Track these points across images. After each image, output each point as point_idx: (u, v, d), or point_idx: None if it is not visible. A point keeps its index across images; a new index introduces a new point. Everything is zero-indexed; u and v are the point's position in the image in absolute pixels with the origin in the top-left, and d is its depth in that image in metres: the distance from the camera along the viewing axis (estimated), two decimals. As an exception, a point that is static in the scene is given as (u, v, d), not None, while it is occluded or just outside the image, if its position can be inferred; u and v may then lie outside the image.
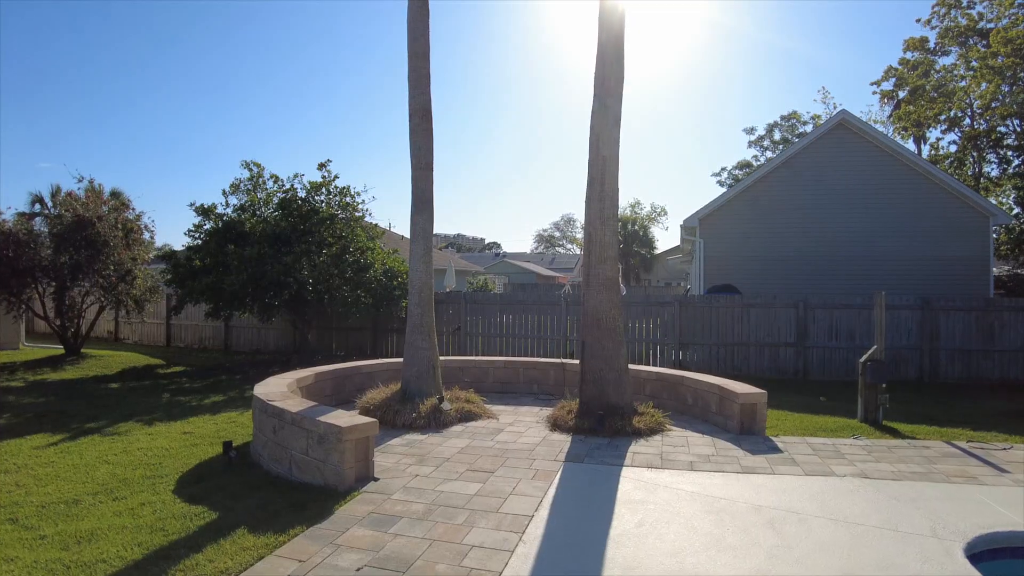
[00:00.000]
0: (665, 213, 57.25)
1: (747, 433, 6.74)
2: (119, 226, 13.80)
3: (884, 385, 7.74)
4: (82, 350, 14.40)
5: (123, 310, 14.68)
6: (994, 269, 15.86)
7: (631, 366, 7.84)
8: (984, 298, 13.46)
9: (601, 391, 7.03)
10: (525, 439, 6.55)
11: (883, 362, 7.90)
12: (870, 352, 8.01)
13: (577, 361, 9.17)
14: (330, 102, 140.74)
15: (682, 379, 7.92)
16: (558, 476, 5.23)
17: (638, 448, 6.14)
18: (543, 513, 4.39)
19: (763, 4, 79.17)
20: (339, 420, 4.98)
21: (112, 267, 13.48)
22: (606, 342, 7.12)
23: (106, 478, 5.43)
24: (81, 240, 12.97)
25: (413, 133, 8.03)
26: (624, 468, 5.45)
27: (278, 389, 6.34)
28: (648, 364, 12.64)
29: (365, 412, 7.19)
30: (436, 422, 7.03)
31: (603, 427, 6.63)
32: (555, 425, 7.02)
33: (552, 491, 4.86)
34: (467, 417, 7.39)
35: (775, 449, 6.17)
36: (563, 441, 6.46)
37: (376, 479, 5.08)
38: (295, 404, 5.58)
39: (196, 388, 10.68)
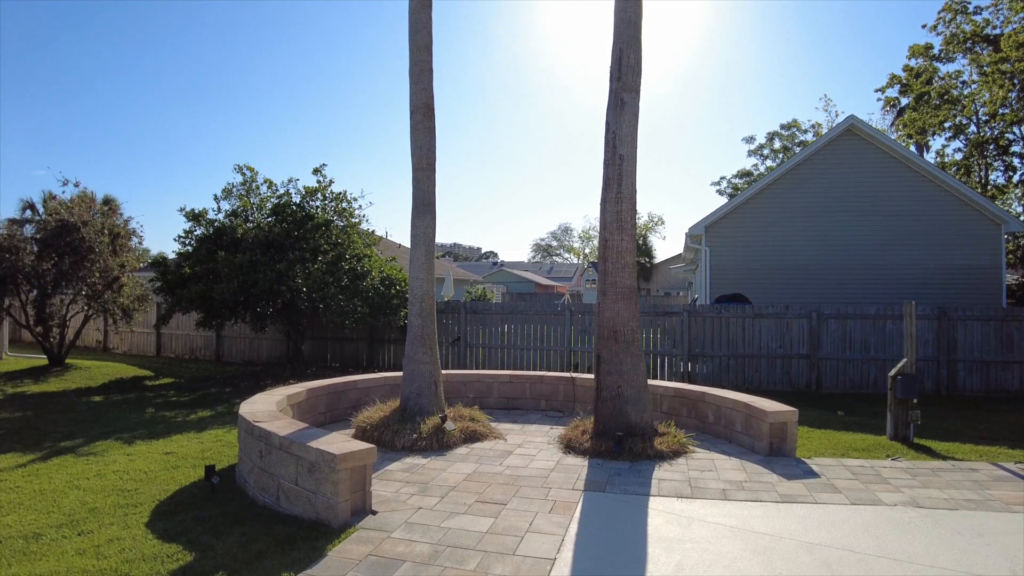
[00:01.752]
0: (663, 222, 57.14)
1: (777, 455, 6.21)
2: (106, 232, 13.25)
3: (915, 400, 7.27)
4: (67, 360, 13.84)
5: (110, 319, 14.12)
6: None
7: (645, 381, 7.29)
8: (1003, 307, 13.04)
9: (619, 410, 6.47)
10: (537, 463, 5.99)
11: (914, 376, 7.42)
12: (900, 365, 7.53)
13: (587, 375, 8.65)
14: (326, 107, 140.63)
15: (703, 395, 7.39)
16: (579, 509, 4.67)
17: (663, 474, 5.60)
18: (566, 555, 3.84)
19: (763, 9, 79.57)
20: (332, 446, 4.43)
21: (98, 274, 12.95)
22: (624, 356, 6.56)
23: (74, 507, 4.92)
24: (65, 246, 12.42)
25: (414, 131, 7.52)
26: (651, 498, 4.90)
27: (266, 408, 5.79)
28: (657, 377, 12.13)
29: (361, 433, 6.64)
30: (439, 444, 6.47)
31: (622, 449, 6.06)
32: (569, 447, 6.46)
33: (574, 527, 4.30)
34: (472, 438, 6.82)
35: (811, 473, 5.65)
36: (579, 466, 5.90)
37: (374, 512, 4.52)
38: (284, 426, 5.04)
39: (183, 402, 10.11)
